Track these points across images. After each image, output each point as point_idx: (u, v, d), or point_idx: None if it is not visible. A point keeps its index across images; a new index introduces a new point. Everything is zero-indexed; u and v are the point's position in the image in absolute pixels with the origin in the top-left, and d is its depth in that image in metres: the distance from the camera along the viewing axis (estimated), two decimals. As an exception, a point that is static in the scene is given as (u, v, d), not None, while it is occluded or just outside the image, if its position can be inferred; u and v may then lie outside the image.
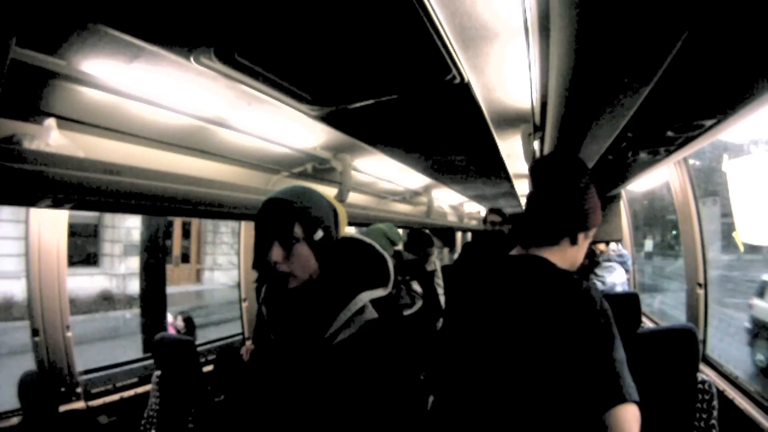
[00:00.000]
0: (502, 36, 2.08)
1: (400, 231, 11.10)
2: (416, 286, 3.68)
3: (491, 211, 5.11)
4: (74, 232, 16.27)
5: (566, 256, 1.81)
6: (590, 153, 2.51)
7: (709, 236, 4.44)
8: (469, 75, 2.47)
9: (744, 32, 1.38)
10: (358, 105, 2.92)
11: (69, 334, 3.35)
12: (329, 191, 4.53)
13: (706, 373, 3.67)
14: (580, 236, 1.80)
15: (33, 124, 2.46)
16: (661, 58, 1.25)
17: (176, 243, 20.64)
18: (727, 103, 1.96)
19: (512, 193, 8.68)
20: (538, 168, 1.88)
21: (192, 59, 2.18)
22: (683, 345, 2.79)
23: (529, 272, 1.75)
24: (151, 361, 3.99)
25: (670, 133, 2.34)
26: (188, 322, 8.41)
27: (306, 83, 2.61)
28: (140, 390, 3.82)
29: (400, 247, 3.94)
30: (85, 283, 15.65)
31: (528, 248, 1.83)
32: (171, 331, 8.15)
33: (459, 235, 14.17)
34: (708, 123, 2.19)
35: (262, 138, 3.50)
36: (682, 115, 2.13)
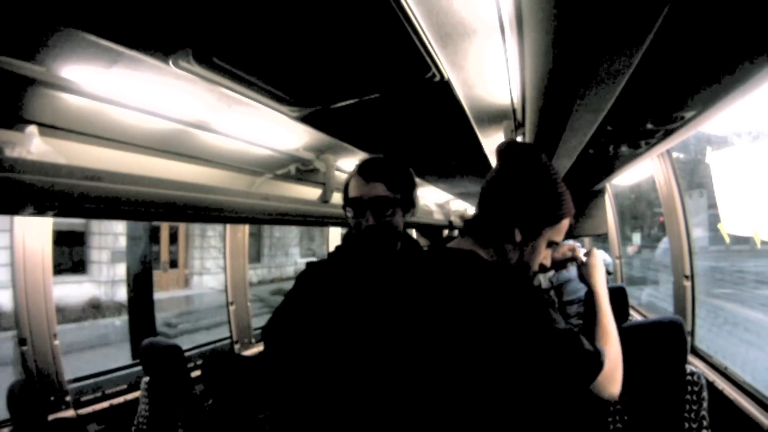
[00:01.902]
0: (479, 32, 2.08)
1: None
2: None
3: None
4: (61, 239, 16.21)
5: (502, 256, 1.69)
6: (571, 147, 2.52)
7: (697, 228, 4.48)
8: (448, 73, 2.46)
9: (719, 20, 1.39)
10: (339, 105, 2.91)
11: (56, 342, 3.34)
12: (313, 192, 4.53)
13: (695, 364, 3.70)
14: (518, 233, 1.63)
15: (14, 131, 2.45)
16: (636, 47, 1.26)
17: (164, 248, 20.61)
18: (706, 94, 1.97)
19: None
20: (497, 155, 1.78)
21: (170, 63, 2.17)
22: (671, 337, 2.80)
23: (450, 267, 1.66)
24: (139, 368, 3.99)
25: (649, 126, 2.36)
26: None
27: (286, 84, 2.61)
28: (129, 397, 3.82)
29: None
30: (73, 290, 15.59)
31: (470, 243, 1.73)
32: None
33: (446, 232, 14.21)
34: (688, 115, 2.21)
35: (244, 140, 3.49)
36: (660, 108, 2.15)
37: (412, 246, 2.30)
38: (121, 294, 15.95)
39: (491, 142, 4.02)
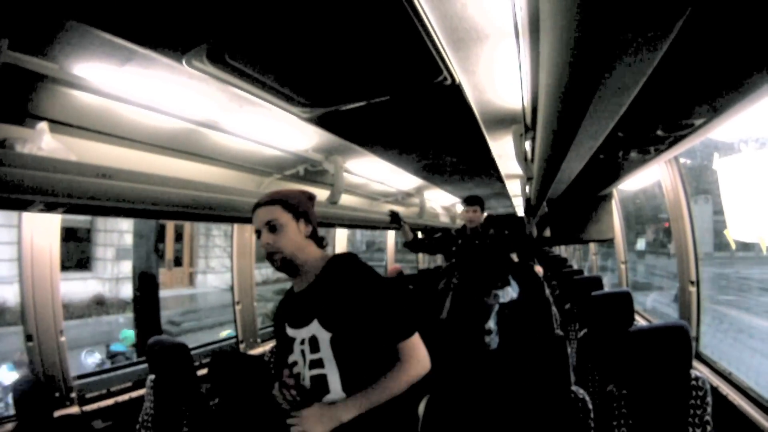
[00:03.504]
0: (492, 37, 2.09)
1: (393, 233, 11.14)
2: None
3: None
4: (66, 236, 16.22)
5: None
6: (581, 152, 2.51)
7: (702, 234, 4.45)
8: (460, 76, 2.47)
9: (734, 30, 1.39)
10: (350, 107, 2.92)
11: (62, 338, 3.34)
12: (321, 193, 4.54)
13: (699, 369, 3.69)
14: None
15: (25, 128, 2.46)
16: (651, 57, 1.26)
17: (169, 246, 20.60)
18: (717, 102, 1.97)
19: (504, 194, 8.71)
20: None
21: (184, 62, 2.18)
22: (676, 342, 2.80)
23: None
24: (145, 365, 3.99)
25: (660, 132, 2.36)
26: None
27: (298, 85, 2.61)
28: (135, 394, 3.81)
29: None
30: (78, 287, 15.59)
31: None
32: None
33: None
34: (698, 122, 2.20)
35: (254, 140, 3.50)
36: (670, 115, 2.15)
37: None
38: (125, 291, 15.95)
39: (499, 145, 4.03)
